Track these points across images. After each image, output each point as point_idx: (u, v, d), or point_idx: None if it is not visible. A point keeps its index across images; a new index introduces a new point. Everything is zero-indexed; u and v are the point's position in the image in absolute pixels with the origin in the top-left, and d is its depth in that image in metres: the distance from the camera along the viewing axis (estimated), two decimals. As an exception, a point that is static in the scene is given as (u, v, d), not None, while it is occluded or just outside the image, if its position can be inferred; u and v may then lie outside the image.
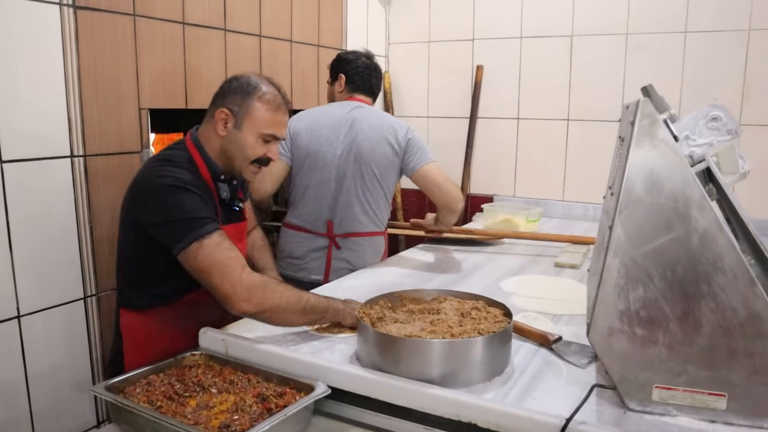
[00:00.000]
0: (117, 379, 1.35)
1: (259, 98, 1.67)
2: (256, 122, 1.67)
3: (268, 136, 1.69)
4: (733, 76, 2.85)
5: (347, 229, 2.34)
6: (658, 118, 1.10)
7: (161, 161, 1.65)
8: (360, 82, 2.43)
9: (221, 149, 1.70)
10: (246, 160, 1.69)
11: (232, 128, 1.68)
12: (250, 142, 1.67)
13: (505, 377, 1.35)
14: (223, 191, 1.72)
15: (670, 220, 1.12)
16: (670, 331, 1.15)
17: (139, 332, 1.70)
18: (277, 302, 1.48)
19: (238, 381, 1.39)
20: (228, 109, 1.67)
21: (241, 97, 1.67)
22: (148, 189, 1.59)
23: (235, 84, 1.70)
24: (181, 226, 1.51)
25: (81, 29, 1.92)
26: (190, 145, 1.71)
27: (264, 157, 1.71)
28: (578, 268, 2.28)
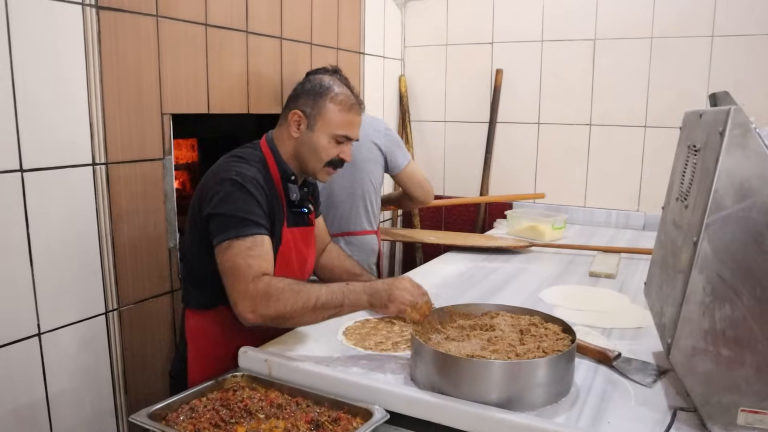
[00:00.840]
0: (159, 406, 1.27)
1: (331, 99, 1.67)
2: (329, 123, 1.67)
3: (341, 137, 1.69)
4: (761, 81, 2.79)
5: (339, 230, 2.35)
6: (750, 127, 1.03)
7: (233, 157, 1.65)
8: None
9: (294, 151, 1.70)
10: (320, 162, 1.69)
11: (305, 130, 1.68)
12: (323, 143, 1.67)
13: (571, 399, 1.28)
14: (293, 193, 1.70)
15: (762, 235, 1.05)
16: (758, 351, 1.08)
17: (204, 335, 1.67)
18: (281, 310, 1.42)
19: (287, 405, 1.31)
20: (301, 111, 1.67)
21: (313, 98, 1.68)
22: (212, 181, 1.58)
23: (308, 85, 1.71)
24: (223, 220, 1.50)
25: (104, 30, 1.84)
26: (264, 146, 1.71)
27: (337, 159, 1.71)
28: (614, 278, 2.21)
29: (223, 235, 1.49)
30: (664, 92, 2.98)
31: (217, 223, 1.51)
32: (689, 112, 1.36)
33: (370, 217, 2.44)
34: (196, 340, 1.67)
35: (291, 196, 1.69)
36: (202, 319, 1.67)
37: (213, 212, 1.53)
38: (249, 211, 1.51)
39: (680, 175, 1.34)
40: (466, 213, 3.56)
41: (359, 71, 3.24)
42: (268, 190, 1.60)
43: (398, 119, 3.64)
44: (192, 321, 1.69)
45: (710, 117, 1.15)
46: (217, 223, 1.51)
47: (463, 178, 3.54)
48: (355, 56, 3.18)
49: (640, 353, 1.50)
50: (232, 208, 1.51)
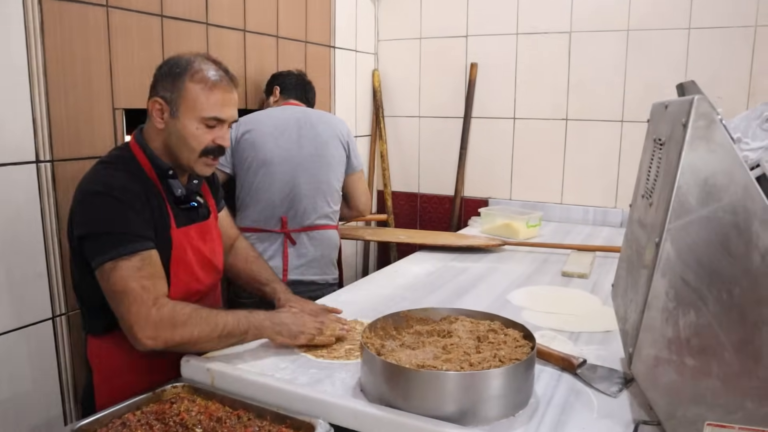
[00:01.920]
0: (86, 421, 1.17)
1: (191, 77, 1.44)
2: (193, 106, 1.44)
3: (211, 120, 1.46)
4: (738, 74, 2.73)
5: (302, 224, 2.30)
6: (715, 118, 0.95)
7: (100, 164, 1.47)
8: (294, 91, 2.47)
9: (164, 144, 1.50)
10: (193, 152, 1.47)
11: (169, 118, 1.46)
12: (191, 130, 1.45)
13: (530, 411, 1.20)
14: (177, 188, 1.52)
15: (728, 236, 0.97)
16: (725, 361, 1.00)
17: (108, 361, 1.50)
18: (187, 338, 1.34)
19: (227, 418, 1.22)
20: (161, 98, 1.46)
21: (172, 80, 1.45)
22: (79, 197, 1.42)
23: (164, 68, 1.48)
24: (98, 240, 1.35)
25: (47, 20, 1.74)
26: (133, 145, 1.51)
27: (213, 146, 1.48)
28: (587, 278, 2.14)
29: (102, 257, 1.33)
30: (640, 86, 2.91)
31: (92, 244, 1.35)
32: (656, 104, 1.28)
33: (333, 212, 2.39)
34: (101, 366, 1.51)
35: (175, 192, 1.51)
36: (104, 344, 1.50)
37: (85, 232, 1.36)
38: (126, 224, 1.36)
39: (646, 170, 1.26)
40: (441, 210, 3.49)
41: (330, 65, 3.14)
42: (144, 192, 1.43)
43: (371, 114, 3.55)
44: (93, 347, 1.52)
45: (675, 108, 1.07)
46: (92, 244, 1.35)
47: (438, 175, 3.46)
48: (326, 50, 3.08)
49: (608, 359, 1.43)
50: (105, 224, 1.35)
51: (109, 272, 1.32)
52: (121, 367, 1.49)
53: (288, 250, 2.27)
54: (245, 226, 2.27)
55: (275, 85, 2.49)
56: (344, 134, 2.41)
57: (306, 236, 2.30)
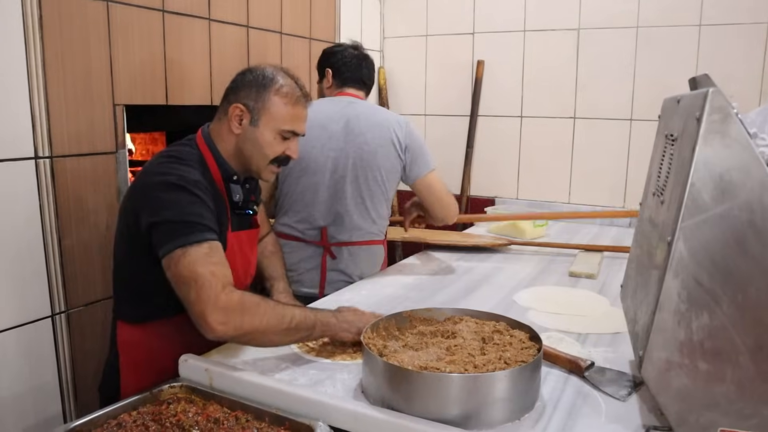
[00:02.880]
0: (80, 422, 1.14)
1: (276, 91, 1.53)
2: (274, 118, 1.53)
3: (288, 133, 1.56)
4: (750, 72, 2.68)
5: (343, 238, 2.11)
6: (731, 112, 0.91)
7: (168, 157, 1.49)
8: (349, 74, 2.21)
9: (236, 148, 1.56)
10: (265, 159, 1.56)
11: (248, 125, 1.54)
12: (268, 139, 1.54)
13: (536, 414, 1.16)
14: (236, 193, 1.56)
15: (744, 234, 0.93)
16: (740, 365, 0.96)
17: (139, 349, 1.52)
18: (257, 325, 1.31)
19: (224, 420, 1.19)
20: (243, 105, 1.53)
21: (256, 90, 1.53)
22: (149, 185, 1.43)
23: (249, 77, 1.56)
24: (171, 227, 1.35)
25: (46, 15, 1.71)
26: (201, 143, 1.55)
27: (283, 156, 1.58)
28: (595, 278, 2.10)
29: (172, 243, 1.33)
30: (650, 84, 2.87)
31: (163, 232, 1.36)
32: (668, 99, 1.24)
33: (378, 225, 2.18)
34: (130, 353, 1.52)
35: (234, 197, 1.55)
36: (137, 332, 1.52)
37: (157, 220, 1.37)
38: (199, 215, 1.37)
39: (657, 167, 1.22)
40: (447, 210, 3.44)
41: (335, 62, 3.10)
42: (212, 191, 1.46)
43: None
44: (125, 333, 1.53)
45: (688, 102, 1.03)
46: (163, 232, 1.36)
47: (444, 173, 3.36)
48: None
49: (616, 362, 1.39)
50: (180, 213, 1.36)
51: (178, 258, 1.32)
52: (149, 356, 1.50)
53: (326, 263, 2.11)
54: (283, 233, 2.12)
55: (327, 67, 2.24)
56: (400, 139, 2.10)
57: (347, 251, 2.12)
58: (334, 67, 2.22)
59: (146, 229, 1.39)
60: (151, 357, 1.50)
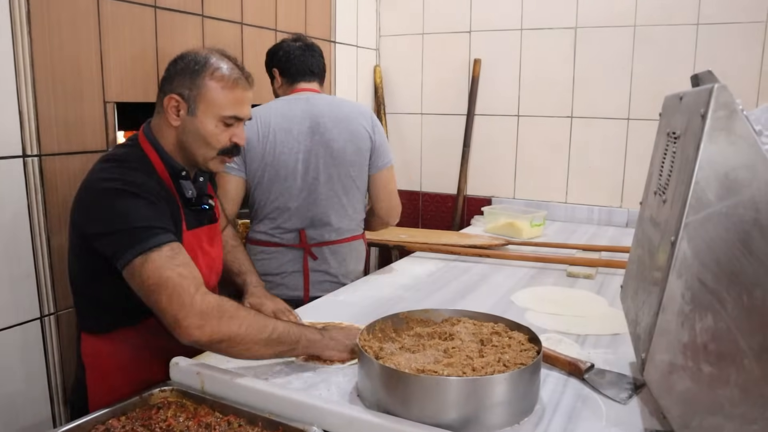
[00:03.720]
0: (68, 427, 1.11)
1: (211, 75, 1.42)
2: (212, 104, 1.42)
3: (230, 119, 1.45)
4: (748, 71, 2.66)
5: (323, 238, 2.07)
6: (737, 108, 0.89)
7: (109, 161, 1.41)
8: (295, 68, 2.13)
9: (178, 142, 1.46)
10: (211, 151, 1.46)
11: (185, 115, 1.43)
12: (209, 128, 1.43)
13: (535, 418, 1.13)
14: (188, 190, 1.49)
15: (749, 234, 0.91)
16: (744, 367, 0.94)
17: (105, 360, 1.45)
18: (235, 331, 1.24)
19: (216, 425, 1.16)
20: (178, 94, 1.43)
21: (190, 77, 1.42)
22: (92, 194, 1.36)
23: (180, 64, 1.45)
24: (124, 236, 1.28)
25: (34, 10, 1.67)
26: (144, 142, 1.47)
27: (231, 145, 1.47)
28: (593, 279, 2.07)
29: (130, 252, 1.26)
30: (647, 83, 2.85)
31: (118, 242, 1.28)
32: (669, 96, 1.22)
33: (356, 221, 2.16)
34: (96, 364, 1.46)
35: (186, 194, 1.48)
36: (100, 343, 1.45)
37: (108, 230, 1.30)
38: (152, 218, 1.30)
39: (659, 166, 1.20)
40: (443, 209, 3.42)
41: (330, 61, 3.08)
42: (160, 192, 1.39)
43: (373, 111, 3.48)
44: (89, 346, 1.47)
45: (691, 99, 1.01)
46: (118, 242, 1.28)
47: (441, 173, 3.40)
48: (326, 45, 3.02)
49: (616, 364, 1.37)
50: (131, 219, 1.29)
51: (140, 267, 1.25)
52: (116, 366, 1.44)
53: (308, 265, 2.07)
54: (261, 240, 2.07)
55: (273, 67, 2.18)
56: (367, 130, 2.10)
57: (328, 250, 2.09)
58: (279, 64, 2.16)
59: (96, 240, 1.32)
60: (119, 367, 1.44)
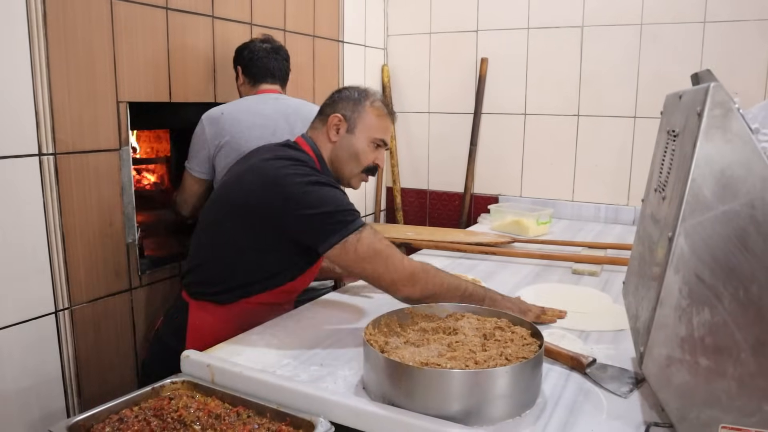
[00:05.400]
0: (82, 416, 1.15)
1: (371, 104, 1.71)
2: (369, 126, 1.69)
3: (379, 141, 1.72)
4: (755, 69, 2.67)
5: None
6: (732, 107, 0.91)
7: (297, 161, 1.59)
8: (257, 70, 2.20)
9: (332, 156, 1.71)
10: (358, 167, 1.71)
11: (344, 133, 1.69)
12: (362, 146, 1.69)
13: (537, 411, 1.16)
14: None
15: (745, 231, 0.93)
16: (741, 361, 0.96)
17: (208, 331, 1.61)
18: (438, 288, 1.51)
19: (226, 415, 1.19)
20: (341, 115, 1.69)
21: (353, 103, 1.70)
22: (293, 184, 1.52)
23: (345, 93, 1.74)
24: (335, 217, 1.50)
25: (50, 12, 1.72)
26: (309, 151, 1.69)
27: (373, 165, 1.73)
28: (598, 276, 2.09)
29: (344, 231, 1.49)
30: (654, 81, 2.86)
31: (329, 222, 1.49)
32: (670, 95, 1.24)
33: None
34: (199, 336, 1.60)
35: None
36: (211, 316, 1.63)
37: (316, 212, 1.49)
38: (352, 204, 1.55)
39: (659, 163, 1.22)
40: (450, 207, 3.45)
41: (338, 61, 3.11)
42: None
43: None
44: (197, 316, 1.64)
45: (689, 97, 1.03)
46: (329, 222, 1.49)
47: (448, 171, 3.42)
48: (334, 44, 3.05)
49: (618, 359, 1.39)
50: (339, 204, 1.52)
51: (355, 242, 1.49)
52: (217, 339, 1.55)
53: None
54: None
55: (237, 64, 2.22)
56: None
57: None
58: (243, 63, 2.21)
59: (298, 221, 1.51)
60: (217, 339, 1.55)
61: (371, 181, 3.44)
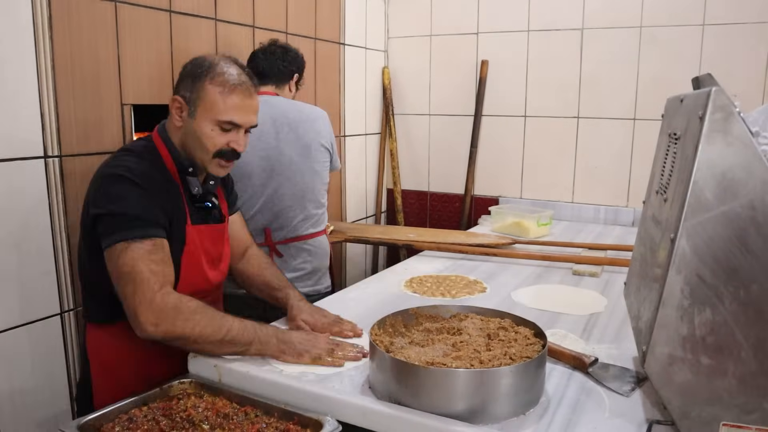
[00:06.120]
0: (93, 416, 1.17)
1: (211, 80, 1.45)
2: (210, 108, 1.45)
3: (226, 124, 1.47)
4: (754, 71, 2.69)
5: (287, 235, 2.16)
6: (733, 111, 0.93)
7: (124, 151, 1.49)
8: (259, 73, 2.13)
9: (181, 141, 1.51)
10: (206, 153, 1.48)
11: (186, 117, 1.48)
12: (206, 131, 1.46)
13: (540, 410, 1.18)
14: (194, 186, 1.52)
15: (746, 232, 0.95)
16: (742, 360, 0.98)
17: (107, 351, 1.48)
18: (189, 332, 1.30)
19: (234, 415, 1.21)
20: (180, 96, 1.48)
21: (192, 80, 1.47)
22: (98, 178, 1.42)
23: (188, 67, 1.51)
24: (114, 220, 1.34)
25: (55, 15, 1.73)
26: (156, 137, 1.53)
27: (227, 149, 1.49)
28: (598, 277, 2.11)
29: (115, 236, 1.32)
30: (653, 83, 2.88)
31: (107, 223, 1.35)
32: (671, 98, 1.26)
33: (320, 218, 2.25)
34: (99, 358, 1.48)
35: (192, 189, 1.52)
36: (105, 335, 1.48)
37: (101, 212, 1.36)
38: (143, 209, 1.36)
39: (660, 166, 1.24)
40: (451, 209, 3.47)
41: (339, 63, 3.13)
42: (163, 184, 1.44)
43: (381, 112, 3.54)
44: (93, 337, 1.50)
45: (690, 101, 1.05)
46: (107, 223, 1.35)
47: (448, 173, 3.44)
48: (335, 47, 3.07)
49: (620, 358, 1.41)
50: (124, 206, 1.34)
51: (119, 252, 1.32)
52: (120, 359, 1.47)
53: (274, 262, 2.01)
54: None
55: None
56: (327, 133, 2.22)
57: (294, 247, 2.16)
58: None
59: (92, 221, 1.39)
60: (120, 360, 1.46)
61: (372, 182, 3.49)
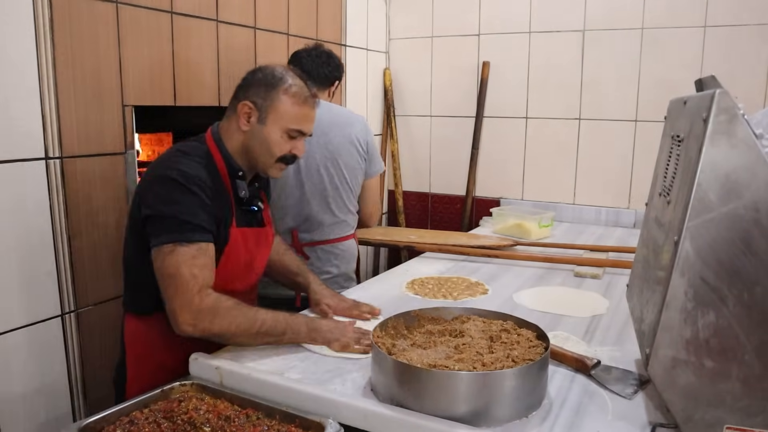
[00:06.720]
0: (94, 418, 1.16)
1: (285, 91, 1.55)
2: (282, 116, 1.55)
3: (294, 132, 1.57)
4: (756, 73, 2.69)
5: (315, 238, 2.17)
6: (737, 113, 0.92)
7: (176, 151, 1.53)
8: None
9: (243, 145, 1.57)
10: (271, 158, 1.57)
11: (255, 123, 1.56)
12: (274, 137, 1.55)
13: (543, 412, 1.17)
14: (242, 189, 1.58)
15: (750, 234, 0.94)
16: (745, 362, 0.97)
17: (143, 341, 1.56)
18: (225, 329, 1.40)
19: (235, 417, 1.20)
20: (251, 102, 1.55)
21: (265, 89, 1.55)
22: (151, 177, 1.49)
23: (259, 75, 1.58)
24: (163, 222, 1.41)
25: (56, 16, 1.73)
26: (210, 140, 1.58)
27: (290, 155, 1.59)
28: (600, 278, 2.11)
29: (164, 237, 1.39)
30: (655, 85, 2.87)
31: (157, 225, 1.41)
32: (674, 100, 1.25)
33: (349, 222, 2.25)
34: (135, 346, 1.56)
35: (239, 193, 1.57)
36: (141, 325, 1.56)
37: (152, 213, 1.42)
38: (193, 214, 1.42)
39: (663, 168, 1.23)
40: (452, 210, 3.46)
41: (341, 64, 3.12)
42: (214, 187, 1.49)
43: (383, 114, 3.53)
44: (130, 326, 1.58)
45: (694, 103, 1.04)
46: (157, 225, 1.41)
47: (449, 174, 3.44)
48: (337, 48, 3.07)
49: (622, 360, 1.40)
50: (174, 209, 1.41)
51: (165, 254, 1.38)
52: (155, 348, 1.53)
53: None
54: None
55: None
56: (360, 138, 2.22)
57: (320, 250, 2.18)
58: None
59: (143, 219, 1.44)
60: (153, 350, 1.53)
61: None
